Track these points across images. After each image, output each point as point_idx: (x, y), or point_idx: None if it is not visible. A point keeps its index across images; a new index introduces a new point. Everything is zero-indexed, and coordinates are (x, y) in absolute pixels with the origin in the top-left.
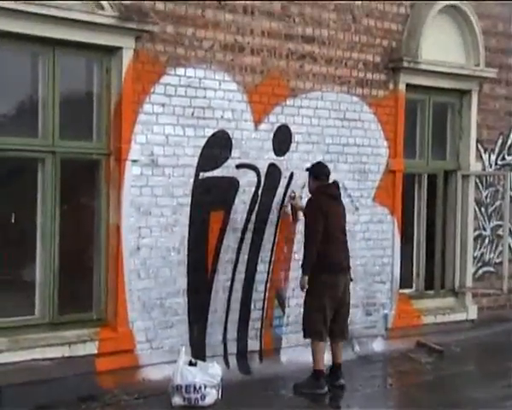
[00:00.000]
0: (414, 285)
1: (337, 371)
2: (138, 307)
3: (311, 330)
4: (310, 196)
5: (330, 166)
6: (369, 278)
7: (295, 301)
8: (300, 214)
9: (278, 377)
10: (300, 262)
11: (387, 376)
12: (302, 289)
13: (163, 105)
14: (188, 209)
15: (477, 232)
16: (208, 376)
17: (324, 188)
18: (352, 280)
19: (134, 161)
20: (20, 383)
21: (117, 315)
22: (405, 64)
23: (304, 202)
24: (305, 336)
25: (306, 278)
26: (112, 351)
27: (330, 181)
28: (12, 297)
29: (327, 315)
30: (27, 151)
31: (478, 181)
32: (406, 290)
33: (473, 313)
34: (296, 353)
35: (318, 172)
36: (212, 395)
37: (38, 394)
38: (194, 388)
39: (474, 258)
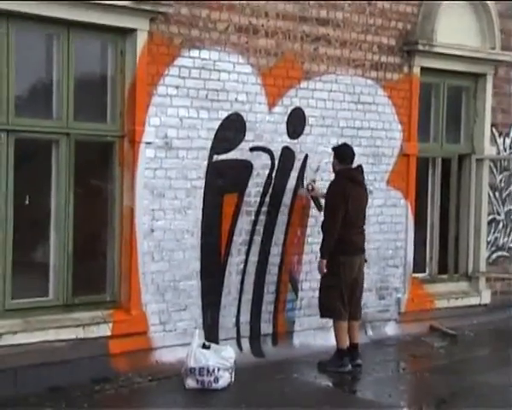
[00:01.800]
0: (427, 269)
1: (354, 352)
2: (152, 289)
3: (329, 309)
4: (332, 179)
5: None
6: (382, 262)
7: (308, 284)
8: (323, 201)
9: (291, 361)
10: (319, 246)
11: (400, 360)
12: (321, 272)
13: (177, 87)
14: (201, 192)
15: (491, 217)
16: (222, 359)
17: (347, 172)
18: (366, 261)
19: (148, 143)
20: (34, 365)
21: (130, 297)
22: (420, 47)
23: (322, 186)
24: (322, 316)
25: (325, 261)
26: (125, 333)
27: (355, 165)
28: (26, 279)
29: (344, 294)
30: (42, 133)
31: (492, 165)
32: (419, 275)
33: (486, 298)
34: (309, 336)
35: (343, 154)
36: (225, 378)
37: (52, 375)
38: (208, 371)
39: (488, 242)
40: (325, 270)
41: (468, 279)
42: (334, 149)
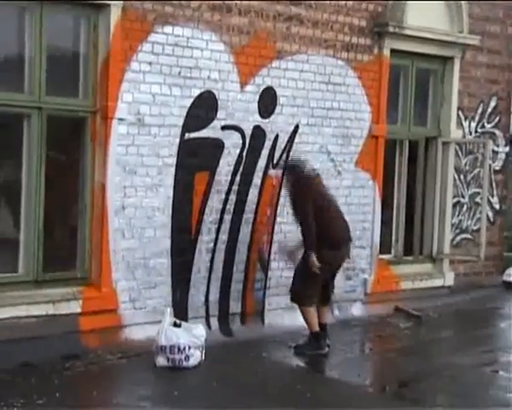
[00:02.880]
0: (393, 251)
1: (322, 332)
2: (122, 266)
3: (302, 297)
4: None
5: (314, 129)
6: None
7: (277, 264)
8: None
9: (260, 340)
10: (301, 242)
11: (367, 340)
12: (313, 268)
13: (150, 63)
14: (173, 170)
15: (456, 199)
16: (193, 337)
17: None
18: (349, 257)
19: (120, 119)
20: (4, 341)
21: (101, 274)
22: (391, 29)
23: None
24: (293, 301)
25: (313, 254)
26: (95, 310)
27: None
28: None
29: (319, 285)
30: (14, 106)
31: (458, 148)
32: (385, 256)
33: (450, 280)
34: (277, 316)
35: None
36: (196, 357)
37: (22, 351)
38: (179, 348)
39: (452, 225)
40: (318, 264)
41: (432, 261)
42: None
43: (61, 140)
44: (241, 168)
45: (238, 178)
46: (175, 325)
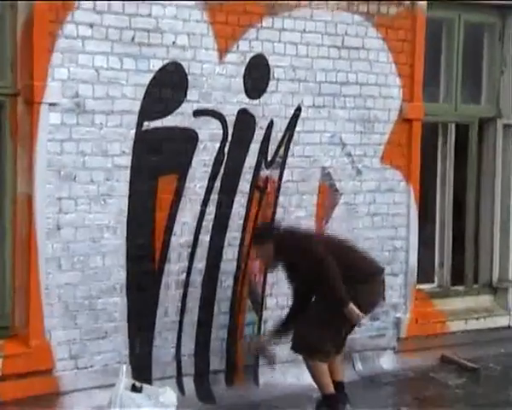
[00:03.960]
0: (436, 279)
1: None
2: (59, 310)
3: (315, 349)
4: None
5: (323, 112)
6: None
7: (274, 300)
8: None
9: (252, 407)
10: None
11: (402, 404)
12: (356, 320)
13: (91, 26)
14: (127, 173)
15: None
16: (159, 406)
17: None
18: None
19: (51, 104)
20: None
21: (28, 322)
22: None
23: None
24: (297, 351)
25: (351, 305)
26: (22, 372)
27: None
28: None
29: (341, 334)
30: None
31: None
32: (426, 286)
33: None
34: (276, 373)
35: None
36: None
37: None
38: None
39: None
40: (362, 315)
41: (492, 292)
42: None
43: None
44: (221, 169)
45: (218, 183)
46: (134, 389)
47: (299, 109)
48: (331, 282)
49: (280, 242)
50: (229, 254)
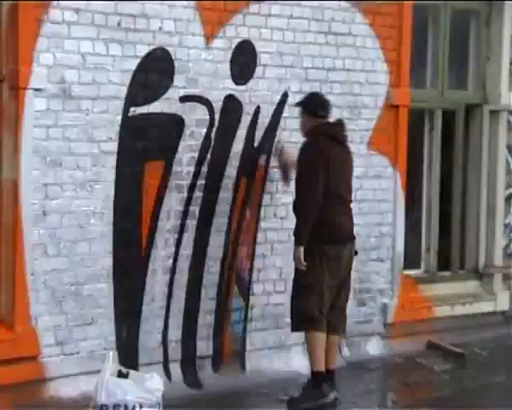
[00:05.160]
0: (423, 264)
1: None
2: (45, 296)
3: (304, 317)
4: (304, 140)
5: None
6: (362, 255)
7: (262, 286)
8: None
9: (238, 393)
10: (293, 229)
11: (389, 390)
12: (299, 264)
13: (77, 11)
14: (114, 159)
15: (509, 191)
16: (145, 391)
17: (326, 127)
18: (356, 254)
19: (37, 89)
20: None
21: (14, 309)
22: None
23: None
24: (295, 329)
25: (302, 249)
26: (7, 358)
27: (333, 119)
28: None
29: (324, 296)
30: None
31: None
32: (413, 271)
33: (504, 302)
34: (263, 358)
35: (316, 105)
36: None
37: None
38: (126, 408)
39: (506, 226)
40: (304, 261)
41: (478, 277)
42: (300, 103)
43: None
44: (208, 155)
45: (205, 168)
46: (120, 374)
47: (285, 95)
48: (302, 210)
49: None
50: (216, 240)
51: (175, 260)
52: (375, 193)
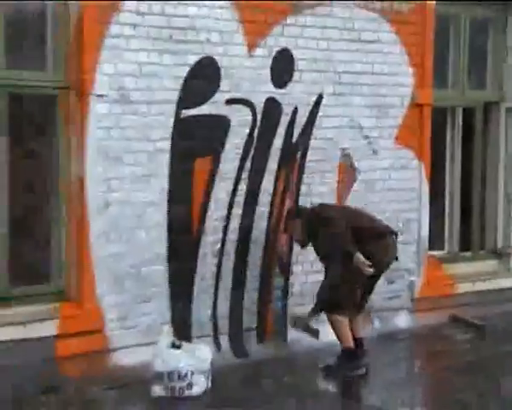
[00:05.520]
0: (446, 246)
1: (358, 349)
2: (108, 277)
3: (336, 306)
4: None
5: (342, 99)
6: None
7: (300, 267)
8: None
9: (281, 361)
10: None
11: (415, 358)
12: (364, 267)
13: (134, 26)
14: (167, 156)
15: None
16: (196, 360)
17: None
18: (397, 259)
19: (100, 95)
20: None
21: (81, 288)
22: None
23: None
24: (317, 311)
25: (359, 254)
26: (76, 332)
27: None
28: None
29: (360, 291)
30: None
31: None
32: (437, 252)
33: None
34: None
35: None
36: (200, 384)
37: None
38: (179, 375)
39: None
40: (368, 262)
41: (497, 257)
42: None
43: (26, 124)
44: (252, 151)
45: (248, 163)
46: (174, 346)
47: (320, 97)
48: (339, 237)
49: (306, 217)
50: (259, 226)
51: (222, 244)
52: (402, 183)
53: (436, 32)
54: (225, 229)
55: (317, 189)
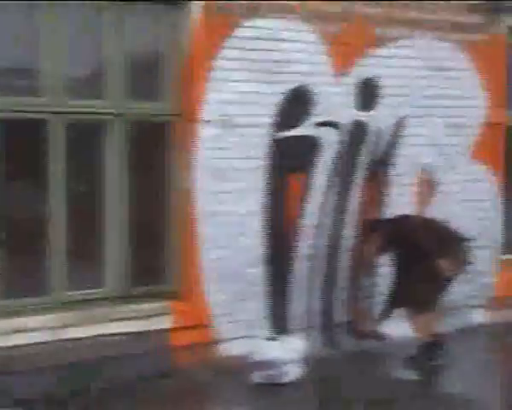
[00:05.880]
0: None
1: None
2: (214, 277)
3: (424, 304)
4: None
5: (423, 120)
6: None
7: (384, 268)
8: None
9: (368, 353)
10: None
11: (491, 351)
12: (448, 274)
13: (237, 60)
14: (265, 172)
15: None
16: (290, 351)
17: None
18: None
19: (207, 121)
20: (93, 359)
21: (192, 287)
22: (507, 4)
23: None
24: (404, 307)
25: (440, 260)
26: (187, 325)
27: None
28: (81, 270)
29: (442, 287)
30: (93, 114)
31: None
32: (510, 256)
33: None
34: (387, 326)
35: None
36: (293, 372)
37: (109, 370)
38: (275, 364)
39: None
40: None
41: None
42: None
43: (144, 147)
44: (339, 167)
45: (337, 178)
46: (271, 338)
47: (403, 119)
48: (427, 244)
49: (389, 227)
50: (347, 232)
51: (314, 249)
52: (477, 194)
53: (508, 60)
54: (316, 236)
55: (400, 200)
